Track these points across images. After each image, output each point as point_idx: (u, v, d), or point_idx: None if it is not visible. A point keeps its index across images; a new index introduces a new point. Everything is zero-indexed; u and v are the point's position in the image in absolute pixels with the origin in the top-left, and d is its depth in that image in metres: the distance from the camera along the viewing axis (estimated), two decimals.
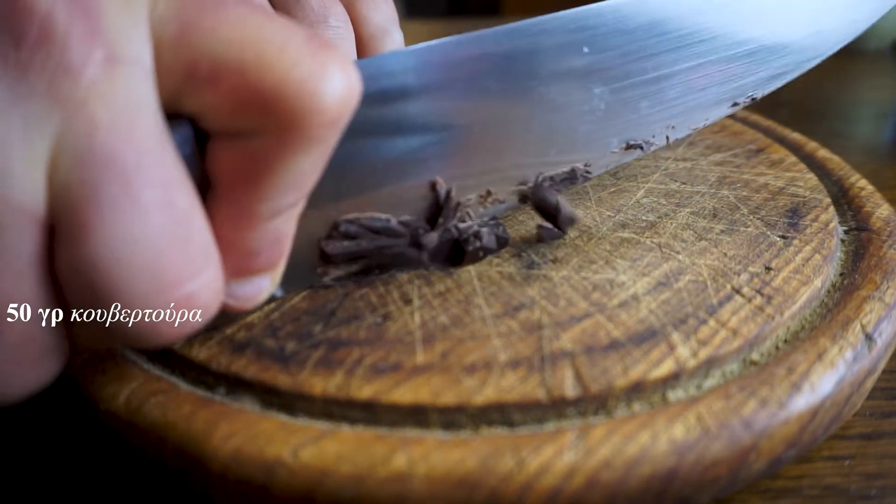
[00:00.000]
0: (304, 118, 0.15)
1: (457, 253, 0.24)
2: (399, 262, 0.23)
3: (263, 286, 0.19)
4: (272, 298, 0.22)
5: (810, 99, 0.31)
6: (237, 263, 0.18)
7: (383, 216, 0.22)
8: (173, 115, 0.16)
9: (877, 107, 0.50)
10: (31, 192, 0.14)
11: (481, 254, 0.24)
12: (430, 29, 0.76)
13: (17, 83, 0.13)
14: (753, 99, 0.28)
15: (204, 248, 0.16)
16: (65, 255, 0.14)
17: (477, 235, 0.23)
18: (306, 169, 0.17)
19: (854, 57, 0.61)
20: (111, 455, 0.21)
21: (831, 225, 0.26)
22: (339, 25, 0.24)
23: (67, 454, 0.21)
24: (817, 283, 0.22)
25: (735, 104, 0.28)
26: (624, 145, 0.26)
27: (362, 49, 0.26)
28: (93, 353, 0.21)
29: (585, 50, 0.24)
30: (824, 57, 0.29)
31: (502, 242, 0.24)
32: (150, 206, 0.14)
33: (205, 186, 0.17)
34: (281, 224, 0.18)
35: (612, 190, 0.29)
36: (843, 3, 0.28)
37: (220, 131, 0.16)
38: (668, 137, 0.27)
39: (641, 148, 0.27)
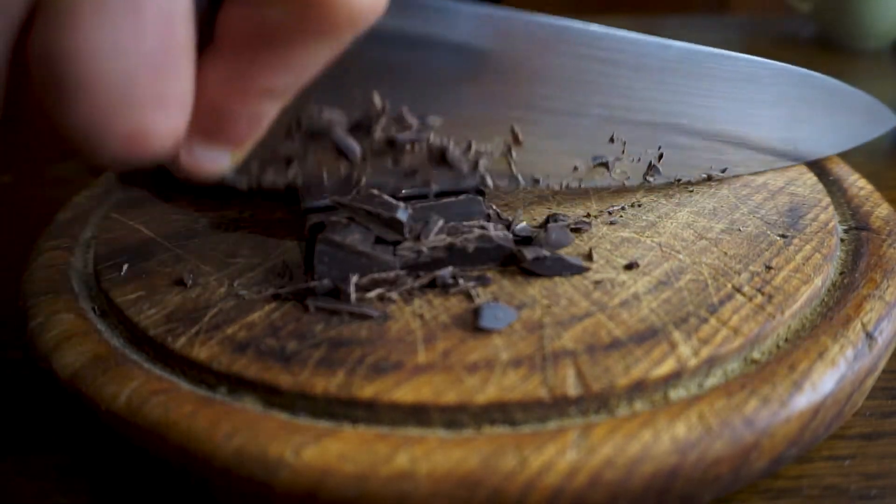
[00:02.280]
0: (328, 6, 0.16)
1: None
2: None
3: (222, 160, 0.19)
4: (231, 181, 0.21)
5: None
6: (209, 125, 0.18)
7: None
8: None
9: None
10: None
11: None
12: None
13: None
14: (723, 172, 0.29)
15: (181, 90, 0.16)
16: (41, 38, 0.14)
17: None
18: (312, 58, 0.17)
19: (854, 57, 0.61)
20: (111, 456, 0.21)
21: (831, 224, 0.26)
22: None
23: (66, 454, 0.21)
24: (818, 281, 0.22)
25: (703, 175, 0.29)
26: (595, 162, 0.26)
27: None
28: (92, 354, 0.21)
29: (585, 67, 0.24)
30: (782, 166, 0.30)
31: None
32: (148, 26, 0.14)
33: (207, 43, 0.17)
34: (265, 104, 0.18)
35: (612, 189, 0.29)
36: (814, 125, 0.29)
37: None
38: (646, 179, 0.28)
39: (607, 167, 0.27)
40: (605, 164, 0.26)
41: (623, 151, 0.26)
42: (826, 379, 0.19)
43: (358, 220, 0.22)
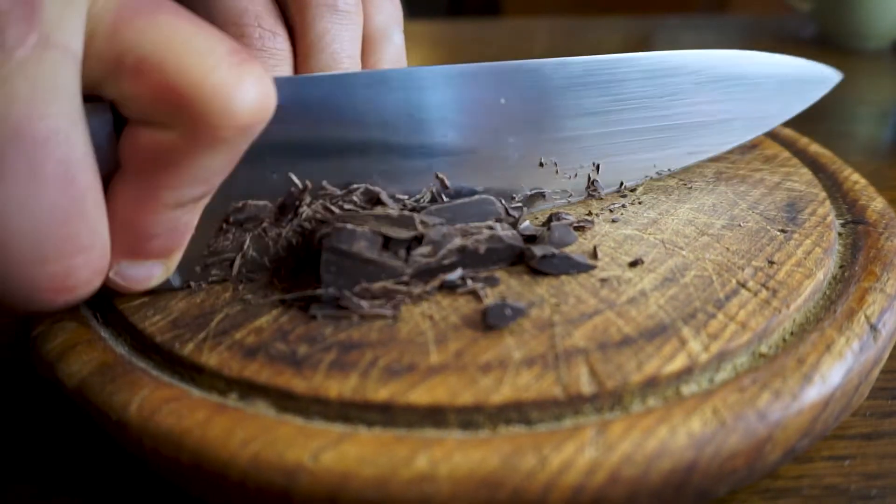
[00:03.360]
0: (214, 121, 0.17)
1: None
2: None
3: (155, 272, 0.20)
4: (169, 286, 0.22)
5: None
6: (131, 245, 0.19)
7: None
8: (97, 98, 0.17)
9: (877, 107, 0.51)
10: None
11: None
12: (431, 29, 0.76)
13: None
14: (670, 170, 0.29)
15: (93, 227, 0.17)
16: None
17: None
18: (212, 168, 0.18)
19: (854, 57, 0.62)
20: (111, 459, 0.21)
21: (829, 218, 0.26)
22: (279, 49, 0.25)
23: (67, 455, 0.21)
24: (819, 275, 0.23)
25: (647, 176, 0.29)
26: (530, 193, 0.27)
27: (364, 47, 0.26)
28: (99, 362, 0.20)
29: (503, 101, 0.25)
30: (736, 144, 0.30)
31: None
32: (48, 180, 0.15)
33: (115, 167, 0.18)
34: (182, 215, 0.19)
35: (612, 188, 0.29)
36: (753, 100, 0.30)
37: (138, 119, 0.17)
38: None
39: (544, 196, 0.27)
40: (542, 195, 0.27)
41: (556, 172, 0.27)
42: (834, 371, 0.19)
43: (368, 225, 0.22)
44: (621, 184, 0.28)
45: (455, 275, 0.22)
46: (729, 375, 0.19)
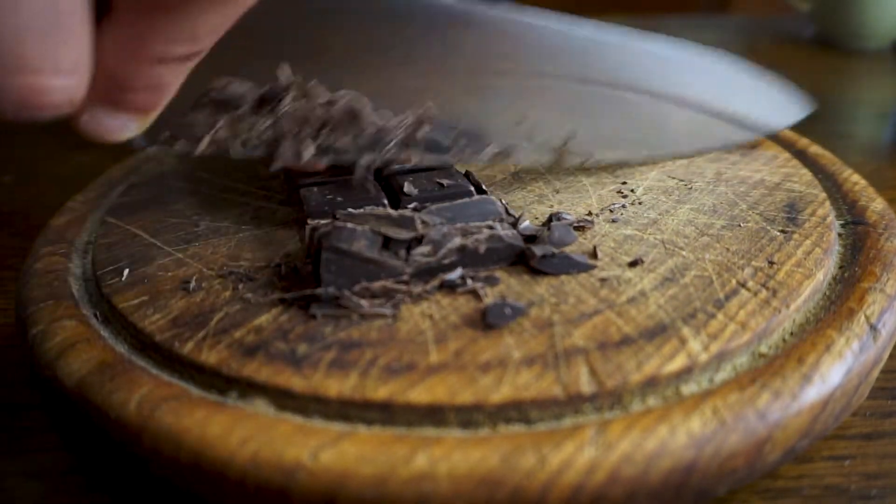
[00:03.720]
0: None
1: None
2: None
3: (129, 126, 0.19)
4: (136, 144, 0.22)
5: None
6: (110, 92, 0.18)
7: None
8: None
9: (877, 107, 0.51)
10: None
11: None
12: None
13: None
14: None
15: (74, 52, 0.16)
16: None
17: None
18: (204, 24, 0.17)
19: (854, 57, 0.62)
20: (117, 468, 0.21)
21: (829, 219, 0.26)
22: None
23: (67, 454, 0.21)
24: (819, 276, 0.23)
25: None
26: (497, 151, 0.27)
27: None
28: (98, 361, 0.20)
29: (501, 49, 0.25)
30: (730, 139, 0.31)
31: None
32: None
33: (108, 11, 0.17)
34: (165, 73, 0.18)
35: (612, 188, 0.29)
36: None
37: None
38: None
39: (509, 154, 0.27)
40: (508, 153, 0.27)
41: (531, 135, 0.27)
42: (834, 371, 0.19)
43: (368, 224, 0.22)
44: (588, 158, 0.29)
45: (455, 274, 0.22)
46: (729, 375, 0.19)
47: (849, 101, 0.51)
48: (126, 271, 0.24)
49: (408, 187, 0.25)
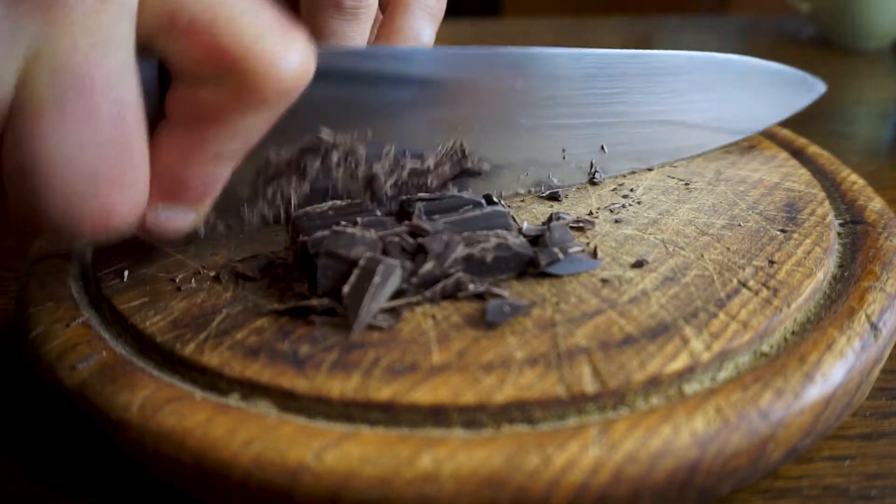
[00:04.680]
0: (259, 83, 0.18)
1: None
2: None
3: (188, 217, 0.21)
4: (195, 236, 0.24)
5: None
6: (169, 190, 0.20)
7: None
8: (146, 52, 0.18)
9: (877, 107, 0.51)
10: (3, 82, 0.16)
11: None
12: None
13: (14, 2, 0.16)
14: (650, 166, 0.31)
15: (137, 167, 0.18)
16: (13, 142, 0.17)
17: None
18: (253, 126, 0.19)
19: (854, 57, 0.62)
20: (117, 470, 0.21)
21: (828, 218, 0.26)
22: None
23: (67, 457, 0.21)
24: (819, 275, 0.23)
25: (632, 169, 0.30)
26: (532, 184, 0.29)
27: (389, 7, 0.27)
28: (99, 362, 0.20)
29: (518, 85, 0.27)
30: (728, 141, 0.32)
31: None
32: (102, 119, 0.17)
33: (159, 118, 0.19)
34: (217, 167, 0.20)
35: (612, 188, 0.29)
36: (740, 103, 0.32)
37: (185, 76, 0.19)
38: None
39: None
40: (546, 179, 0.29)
41: (563, 158, 0.28)
42: (836, 370, 0.19)
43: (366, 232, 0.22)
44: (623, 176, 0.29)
45: (467, 292, 0.22)
46: (731, 374, 0.19)
47: (849, 101, 0.51)
48: (126, 273, 0.24)
49: (417, 204, 0.24)
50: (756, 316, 0.21)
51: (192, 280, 0.23)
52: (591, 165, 0.29)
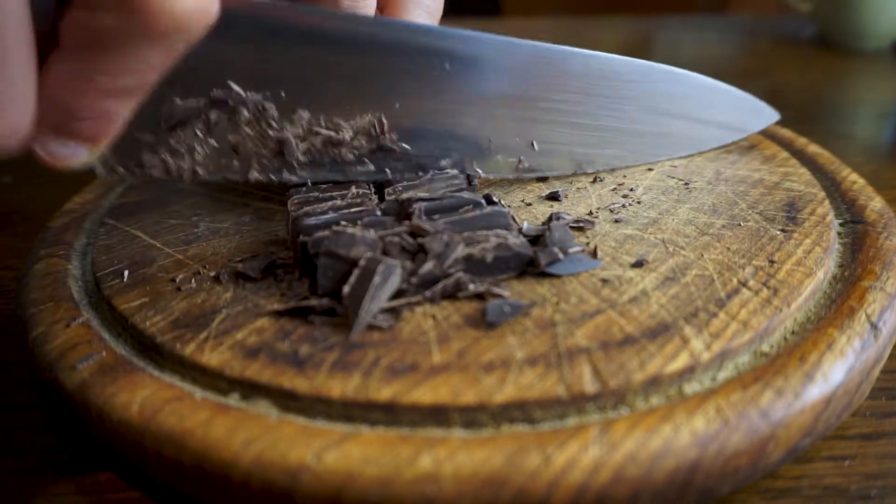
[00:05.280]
0: (153, 12, 0.17)
1: None
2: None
3: (79, 153, 0.20)
4: (92, 175, 0.22)
5: (810, 99, 0.32)
6: (59, 122, 0.19)
7: None
8: None
9: (877, 107, 0.51)
10: None
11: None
12: None
13: None
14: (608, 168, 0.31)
15: (18, 85, 0.17)
16: None
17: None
18: (147, 61, 0.18)
19: (854, 57, 0.62)
20: (118, 472, 0.21)
21: (828, 218, 0.26)
22: None
23: (64, 454, 0.21)
24: (820, 274, 0.23)
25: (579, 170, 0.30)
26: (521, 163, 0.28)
27: (387, 6, 0.27)
28: (99, 363, 0.20)
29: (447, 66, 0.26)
30: (665, 158, 0.32)
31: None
32: None
33: (53, 44, 0.18)
34: (112, 104, 0.19)
35: (612, 187, 0.29)
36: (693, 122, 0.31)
37: None
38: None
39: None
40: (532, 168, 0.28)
41: (489, 147, 0.28)
42: (836, 369, 0.19)
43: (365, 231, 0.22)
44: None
45: (467, 292, 0.22)
46: (731, 374, 0.19)
47: (849, 101, 0.51)
48: (126, 273, 0.24)
49: (417, 204, 0.24)
50: (756, 315, 0.21)
51: (192, 280, 0.23)
52: (519, 161, 0.28)
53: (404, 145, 0.26)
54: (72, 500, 0.20)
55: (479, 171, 0.28)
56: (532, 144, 0.28)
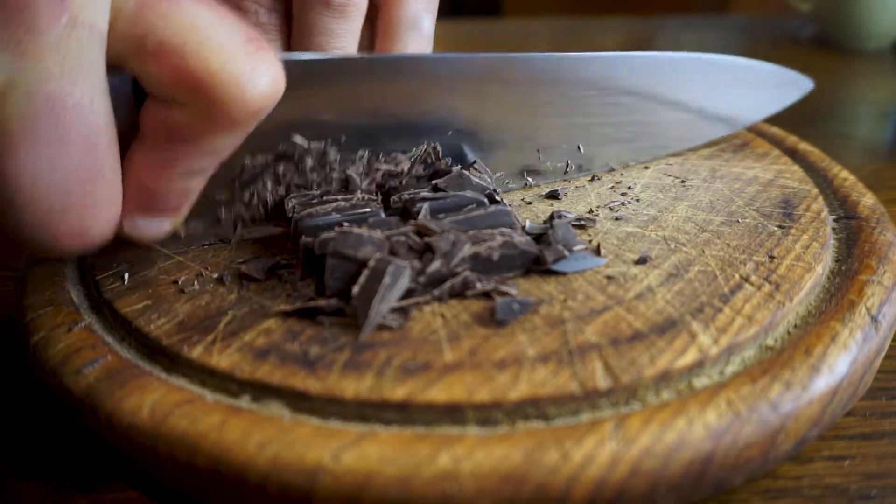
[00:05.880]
0: (229, 106, 0.18)
1: None
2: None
3: (163, 226, 0.22)
4: (175, 237, 0.23)
5: (810, 99, 0.32)
6: (144, 202, 0.20)
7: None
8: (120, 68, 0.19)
9: (877, 107, 0.51)
10: None
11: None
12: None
13: None
14: (637, 161, 0.31)
15: (109, 185, 0.19)
16: None
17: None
18: (223, 145, 0.20)
19: (854, 57, 0.62)
20: (119, 474, 0.20)
21: (823, 214, 0.27)
22: (273, 24, 0.27)
23: (65, 457, 0.21)
24: (818, 269, 0.23)
25: (611, 167, 0.31)
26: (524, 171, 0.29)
27: (388, 34, 0.27)
28: (105, 367, 0.20)
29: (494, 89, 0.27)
30: (704, 141, 0.33)
31: None
32: (73, 144, 0.17)
33: (133, 131, 0.20)
34: (189, 181, 0.21)
35: (610, 186, 0.29)
36: (727, 100, 0.32)
37: (157, 96, 0.19)
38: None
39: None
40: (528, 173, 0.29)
41: (539, 158, 0.29)
42: (841, 361, 0.20)
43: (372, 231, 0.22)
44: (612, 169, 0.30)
45: (475, 290, 0.22)
46: (738, 368, 0.20)
47: (849, 101, 0.51)
48: (126, 275, 0.23)
49: (421, 204, 0.24)
50: (760, 310, 0.21)
51: (195, 282, 0.23)
52: (567, 164, 0.30)
53: (457, 168, 0.27)
54: (75, 502, 0.20)
55: (531, 181, 0.29)
56: (578, 148, 0.30)
